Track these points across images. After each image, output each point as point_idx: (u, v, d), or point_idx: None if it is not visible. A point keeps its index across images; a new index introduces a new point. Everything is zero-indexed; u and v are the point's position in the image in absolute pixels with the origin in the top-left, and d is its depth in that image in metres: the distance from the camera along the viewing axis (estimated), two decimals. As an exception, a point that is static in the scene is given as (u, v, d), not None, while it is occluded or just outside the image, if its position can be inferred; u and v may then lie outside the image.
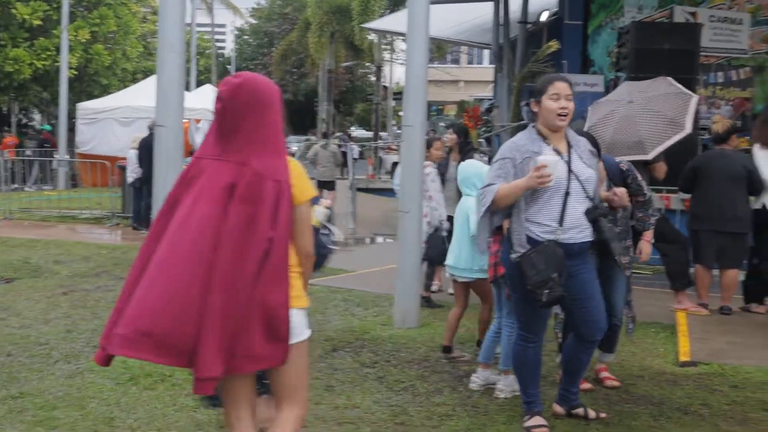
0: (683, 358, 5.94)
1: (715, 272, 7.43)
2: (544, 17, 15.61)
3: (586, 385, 5.06)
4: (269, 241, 2.88)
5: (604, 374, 5.39)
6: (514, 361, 4.60)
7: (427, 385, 5.29)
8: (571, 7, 13.80)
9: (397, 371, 5.59)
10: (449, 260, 5.64)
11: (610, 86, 12.45)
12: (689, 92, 6.95)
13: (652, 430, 4.58)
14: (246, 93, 2.96)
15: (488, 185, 4.27)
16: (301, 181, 2.99)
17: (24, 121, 34.30)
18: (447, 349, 5.88)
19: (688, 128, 6.42)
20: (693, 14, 13.06)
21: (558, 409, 4.68)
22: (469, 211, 5.29)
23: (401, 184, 7.17)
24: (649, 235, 5.48)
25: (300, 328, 3.01)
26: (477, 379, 5.22)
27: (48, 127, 26.46)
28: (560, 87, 4.26)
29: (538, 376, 4.57)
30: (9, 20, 23.73)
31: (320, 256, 4.32)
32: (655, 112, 6.63)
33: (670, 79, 7.26)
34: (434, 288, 8.18)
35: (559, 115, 4.22)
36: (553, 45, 14.29)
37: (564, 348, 4.78)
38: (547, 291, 4.07)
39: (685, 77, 8.98)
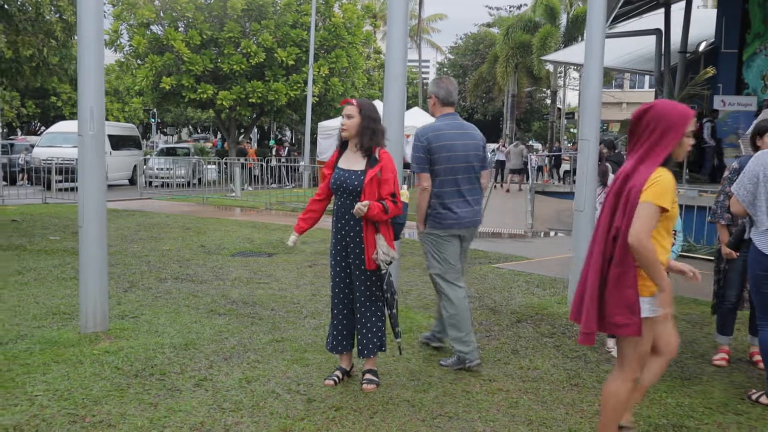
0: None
1: None
2: (702, 47, 14.55)
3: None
4: (617, 229, 2.93)
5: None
6: None
7: (597, 355, 5.09)
8: (727, 37, 12.74)
9: (572, 342, 5.41)
10: None
11: (763, 106, 11.38)
12: None
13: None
14: (649, 117, 2.96)
15: None
16: (653, 188, 2.87)
17: (279, 136, 36.56)
18: None
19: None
20: None
21: None
22: None
23: (577, 187, 6.91)
24: None
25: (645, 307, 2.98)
26: None
27: (273, 141, 28.24)
28: None
29: None
30: (272, 62, 25.30)
31: (397, 225, 4.25)
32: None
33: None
34: None
35: None
36: (710, 71, 13.37)
37: None
38: None
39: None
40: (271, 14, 25.75)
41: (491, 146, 28.41)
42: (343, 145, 4.23)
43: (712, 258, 5.40)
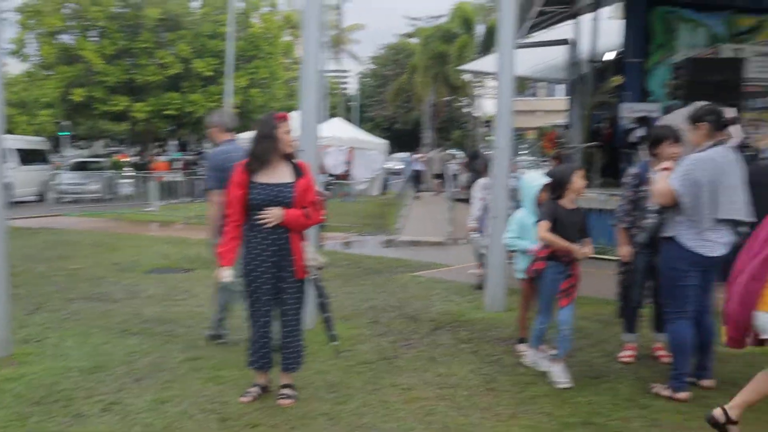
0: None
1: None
2: (609, 56, 15.21)
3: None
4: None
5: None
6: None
7: (513, 358, 5.20)
8: (633, 48, 13.35)
9: (488, 346, 5.52)
10: None
11: (666, 112, 11.97)
12: None
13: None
14: None
15: None
16: None
17: (200, 149, 35.94)
18: None
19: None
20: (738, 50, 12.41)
21: None
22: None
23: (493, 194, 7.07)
24: None
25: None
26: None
27: (178, 155, 28.00)
28: None
29: None
30: (189, 73, 24.85)
31: None
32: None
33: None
34: None
35: None
36: (617, 79, 13.95)
37: None
38: None
39: (732, 104, 8.51)
40: (188, 24, 25.30)
41: (406, 155, 28.85)
42: (256, 162, 4.13)
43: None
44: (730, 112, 6.45)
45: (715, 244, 4.27)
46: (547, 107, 41.93)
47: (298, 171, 4.16)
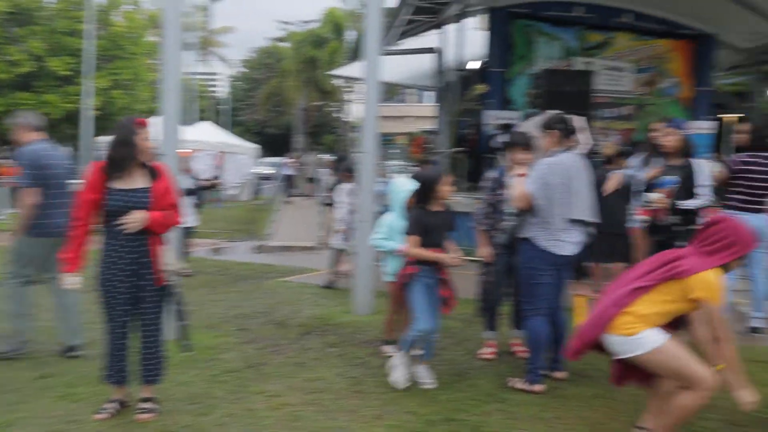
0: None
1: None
2: (473, 66, 15.79)
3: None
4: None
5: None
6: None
7: (379, 360, 5.27)
8: (496, 58, 13.95)
9: (356, 349, 5.57)
10: None
11: (526, 119, 12.59)
12: None
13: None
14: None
15: None
16: None
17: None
18: None
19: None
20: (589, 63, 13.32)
21: None
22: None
23: (360, 198, 7.15)
24: None
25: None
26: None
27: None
28: None
29: None
30: (43, 72, 23.33)
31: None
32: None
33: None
34: None
35: None
36: (482, 88, 14.50)
37: None
38: None
39: (583, 113, 9.10)
40: (41, 19, 23.75)
41: (277, 160, 28.61)
42: (112, 167, 3.95)
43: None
44: (578, 121, 6.90)
45: (566, 243, 4.56)
46: (416, 113, 42.96)
47: (154, 174, 4.03)
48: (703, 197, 5.56)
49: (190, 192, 9.12)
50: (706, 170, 5.71)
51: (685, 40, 14.01)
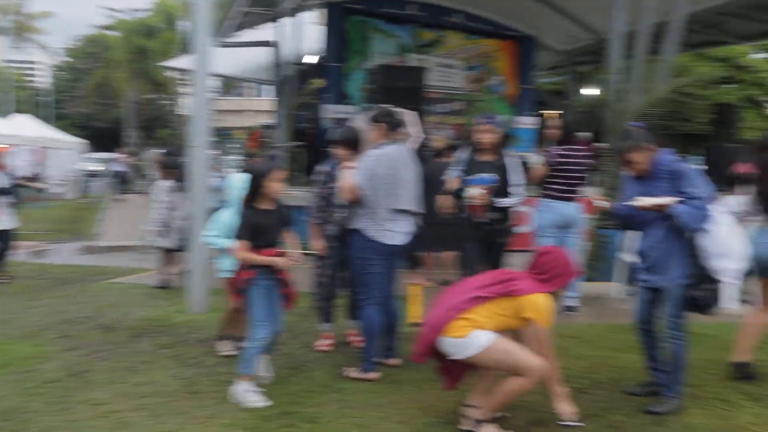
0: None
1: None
2: (310, 60, 15.80)
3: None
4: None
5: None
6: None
7: (214, 359, 5.17)
8: (332, 53, 14.07)
9: (190, 349, 5.40)
10: None
11: (362, 114, 12.80)
12: None
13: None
14: None
15: None
16: None
17: None
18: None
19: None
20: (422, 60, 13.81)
21: None
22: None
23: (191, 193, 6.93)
24: None
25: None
26: None
27: None
28: None
29: None
30: None
31: None
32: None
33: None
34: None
35: None
36: (319, 82, 14.56)
37: None
38: None
39: (416, 107, 9.39)
40: None
41: (106, 155, 27.13)
42: None
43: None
44: (410, 115, 7.11)
45: (394, 233, 4.72)
46: (255, 107, 42.28)
47: None
48: (516, 196, 5.77)
49: (5, 191, 8.39)
50: (519, 168, 5.83)
51: (509, 41, 14.96)
